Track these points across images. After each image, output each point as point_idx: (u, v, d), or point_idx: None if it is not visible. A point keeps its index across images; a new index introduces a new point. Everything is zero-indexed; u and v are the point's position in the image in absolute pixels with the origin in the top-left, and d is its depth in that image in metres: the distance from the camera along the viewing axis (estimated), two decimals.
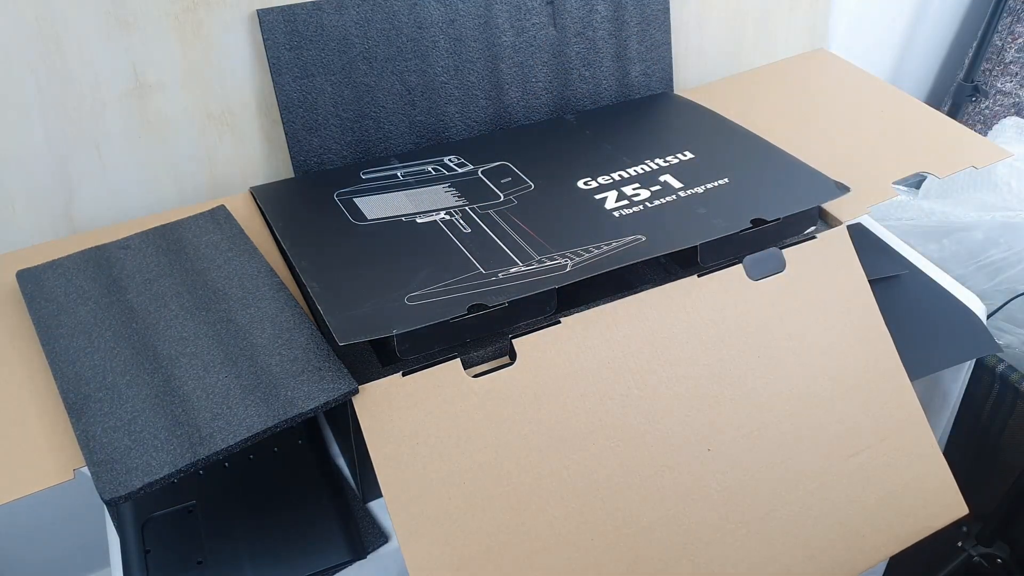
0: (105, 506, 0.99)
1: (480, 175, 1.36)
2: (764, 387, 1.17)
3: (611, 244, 1.17)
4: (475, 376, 1.06)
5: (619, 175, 1.33)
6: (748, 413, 1.16)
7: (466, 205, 1.28)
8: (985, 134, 2.23)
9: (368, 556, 1.10)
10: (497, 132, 1.50)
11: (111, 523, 1.13)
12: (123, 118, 1.33)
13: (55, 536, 1.77)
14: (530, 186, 1.32)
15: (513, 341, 1.08)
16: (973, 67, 2.38)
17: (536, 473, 1.06)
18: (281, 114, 1.38)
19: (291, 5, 1.34)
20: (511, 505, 1.04)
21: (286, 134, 1.39)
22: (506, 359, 1.09)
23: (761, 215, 1.21)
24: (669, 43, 1.56)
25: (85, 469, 0.95)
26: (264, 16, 1.33)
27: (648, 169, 1.34)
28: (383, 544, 1.12)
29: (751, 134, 1.43)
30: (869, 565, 1.18)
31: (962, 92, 2.43)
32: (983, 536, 1.64)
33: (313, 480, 1.16)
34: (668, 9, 1.54)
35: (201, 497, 1.13)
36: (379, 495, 1.13)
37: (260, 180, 1.45)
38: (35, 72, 1.26)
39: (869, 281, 1.24)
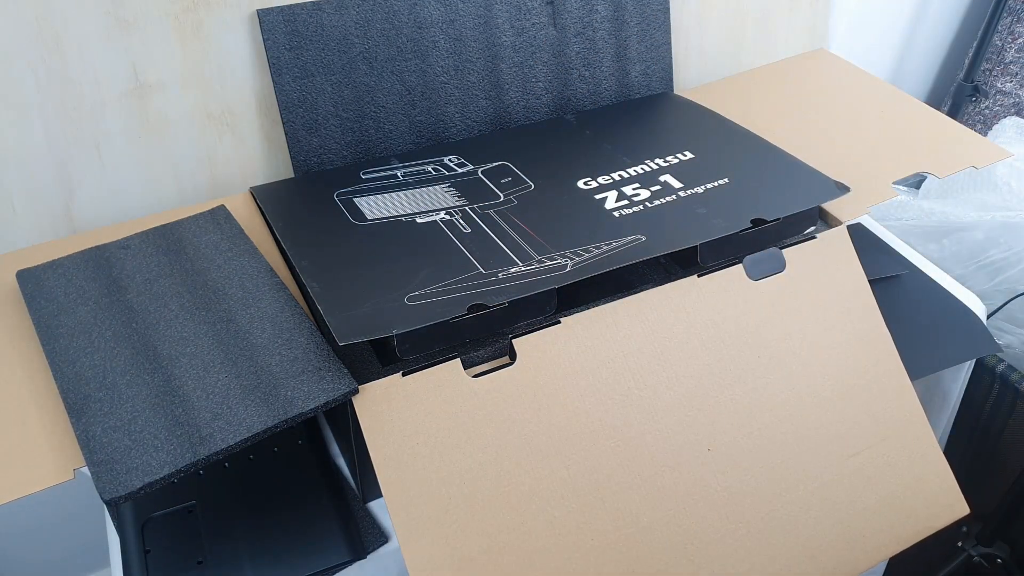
0: (105, 506, 0.98)
1: (480, 175, 1.35)
2: (764, 387, 1.16)
3: (611, 244, 1.16)
4: (475, 376, 1.05)
5: (619, 175, 1.31)
6: (749, 413, 1.14)
7: (466, 205, 1.27)
8: (985, 134, 2.20)
9: (368, 556, 1.09)
10: (497, 132, 1.49)
11: (111, 523, 1.13)
12: (123, 118, 1.32)
13: (56, 536, 1.76)
14: (530, 186, 1.31)
15: (513, 341, 1.07)
16: (973, 67, 2.36)
17: (536, 473, 1.05)
18: (281, 114, 1.38)
19: (291, 5, 1.34)
20: (511, 505, 1.03)
21: (286, 134, 1.38)
22: (506, 359, 1.08)
23: (761, 215, 1.20)
24: (669, 43, 1.54)
25: (85, 469, 0.95)
26: (264, 16, 1.33)
27: (648, 169, 1.32)
28: (383, 544, 1.11)
29: (751, 134, 1.42)
30: (870, 565, 1.17)
31: (962, 92, 2.40)
32: (983, 536, 1.62)
33: (313, 480, 1.16)
34: (668, 9, 1.53)
35: (201, 497, 1.13)
36: (379, 495, 1.12)
37: (260, 180, 1.44)
38: (35, 72, 1.25)
39: (869, 281, 1.23)
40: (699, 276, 1.16)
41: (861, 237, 1.28)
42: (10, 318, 1.17)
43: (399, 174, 1.36)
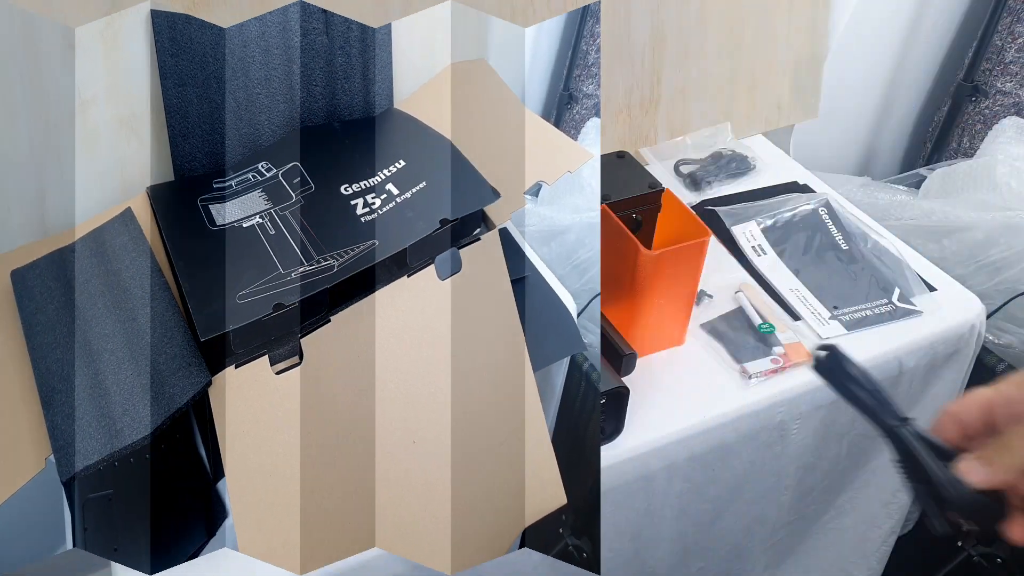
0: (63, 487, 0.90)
1: (280, 178, 1.19)
2: (451, 383, 0.98)
3: (360, 247, 1.02)
4: (277, 373, 0.90)
5: (364, 184, 1.14)
6: (440, 409, 0.97)
7: (271, 208, 1.12)
8: (985, 134, 1.75)
9: (219, 533, 0.96)
10: (291, 134, 1.27)
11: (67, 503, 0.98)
12: (72, 131, 1.14)
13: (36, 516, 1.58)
14: (312, 187, 1.14)
15: (301, 340, 0.92)
16: (973, 67, 1.88)
17: (318, 470, 0.89)
18: (166, 118, 1.18)
19: (173, 12, 1.12)
20: (299, 503, 0.87)
21: (169, 138, 1.19)
22: (296, 358, 0.92)
23: (445, 216, 1.03)
24: (391, 63, 1.30)
25: (52, 457, 0.84)
26: (155, 17, 1.11)
27: (380, 179, 1.14)
28: (226, 518, 0.97)
29: (440, 137, 1.19)
30: (506, 547, 0.99)
31: (962, 92, 1.92)
32: (576, 528, 1.30)
33: (185, 471, 1.00)
34: (391, 31, 1.28)
35: (116, 487, 0.96)
36: (223, 475, 0.94)
37: (155, 179, 1.23)
38: (22, 78, 1.08)
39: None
40: (408, 276, 1.00)
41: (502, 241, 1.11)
42: (5, 318, 1.05)
43: (232, 183, 1.21)
